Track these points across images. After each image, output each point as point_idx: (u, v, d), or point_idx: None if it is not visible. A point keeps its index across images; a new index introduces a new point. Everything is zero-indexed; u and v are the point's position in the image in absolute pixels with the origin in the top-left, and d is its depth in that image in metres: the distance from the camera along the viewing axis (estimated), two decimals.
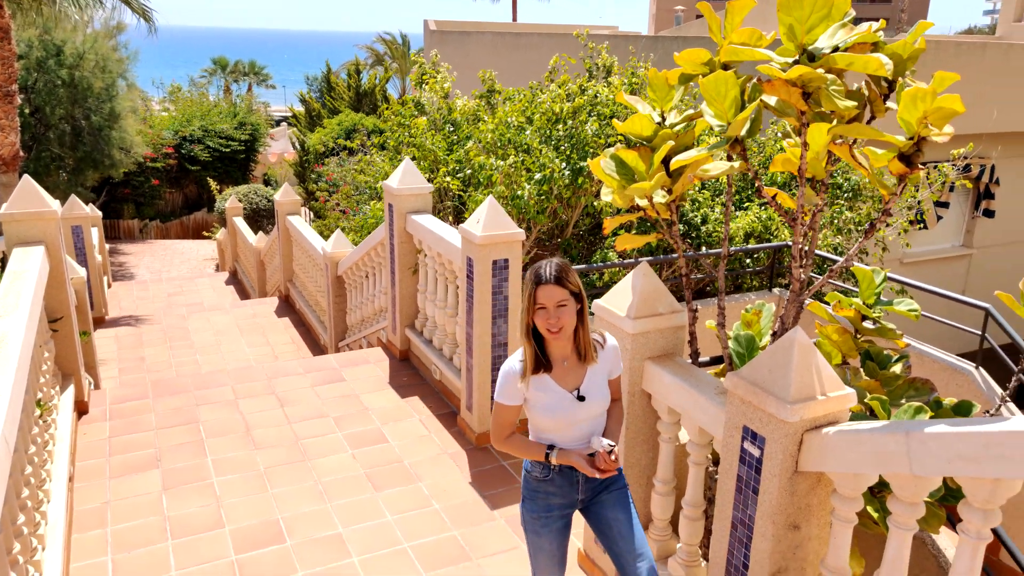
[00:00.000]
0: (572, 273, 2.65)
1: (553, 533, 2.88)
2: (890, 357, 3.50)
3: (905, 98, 2.44)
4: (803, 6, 2.46)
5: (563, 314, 2.59)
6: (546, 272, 2.60)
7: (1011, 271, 11.21)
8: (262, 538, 4.07)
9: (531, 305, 2.61)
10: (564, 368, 2.73)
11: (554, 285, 2.57)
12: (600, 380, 2.79)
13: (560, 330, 2.59)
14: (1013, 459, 2.09)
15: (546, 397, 2.71)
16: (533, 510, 2.87)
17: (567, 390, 2.72)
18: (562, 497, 2.84)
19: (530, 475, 2.86)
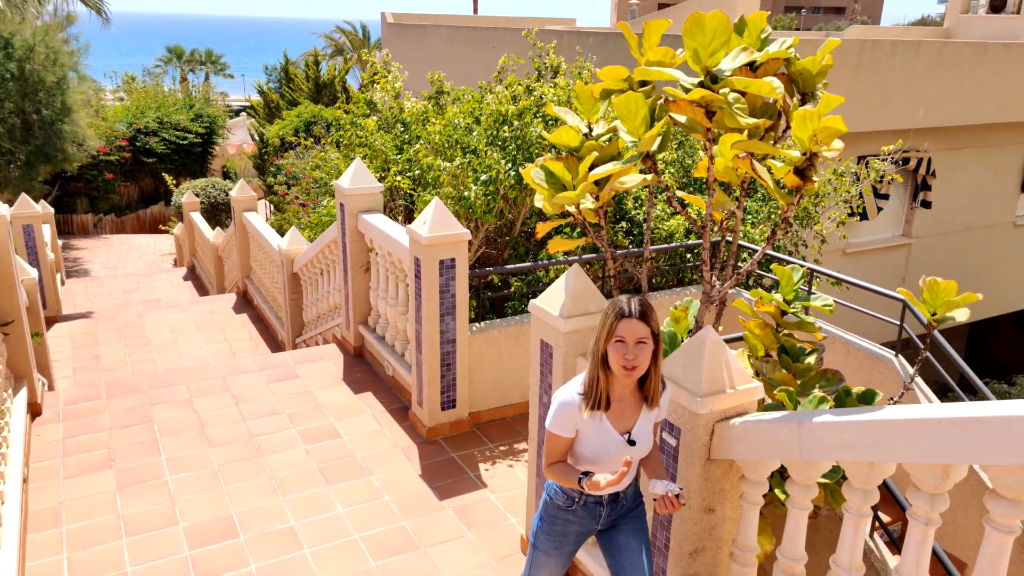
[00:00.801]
0: (655, 313, 2.56)
1: (563, 557, 2.90)
2: (804, 350, 3.76)
3: (796, 118, 2.66)
4: (704, 33, 2.67)
5: (641, 352, 2.49)
6: (630, 307, 2.51)
7: (947, 259, 11.72)
8: (215, 533, 4.21)
9: (609, 336, 2.50)
10: (619, 408, 2.65)
11: (638, 320, 2.48)
12: (649, 425, 2.72)
13: (635, 368, 2.50)
14: (882, 445, 2.34)
15: (597, 436, 2.64)
16: (549, 534, 2.86)
17: (619, 432, 2.65)
18: (580, 527, 2.84)
19: (552, 502, 2.83)
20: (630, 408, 2.66)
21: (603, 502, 2.78)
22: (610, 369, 2.55)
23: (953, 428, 2.15)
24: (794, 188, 2.84)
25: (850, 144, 9.66)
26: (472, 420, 5.39)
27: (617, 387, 2.62)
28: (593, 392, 2.59)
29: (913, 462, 2.31)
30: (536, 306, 3.76)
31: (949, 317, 3.76)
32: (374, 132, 6.53)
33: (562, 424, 2.66)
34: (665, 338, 3.68)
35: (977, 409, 2.11)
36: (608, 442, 2.64)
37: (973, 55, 9.90)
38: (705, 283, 3.24)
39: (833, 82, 8.84)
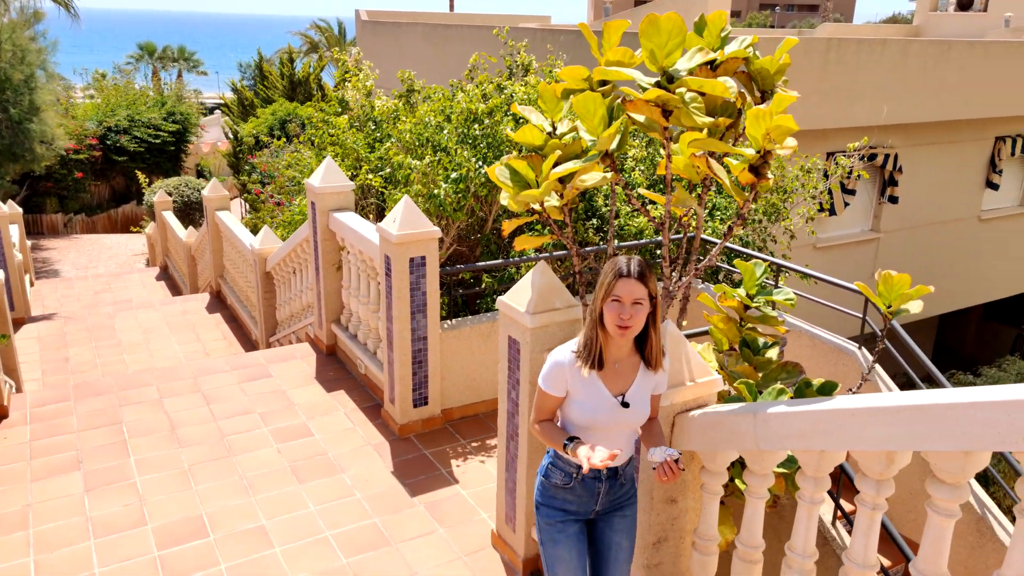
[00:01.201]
0: (653, 275, 2.56)
1: (571, 540, 2.78)
2: (765, 343, 3.84)
3: (750, 117, 2.73)
4: (660, 34, 2.72)
5: (637, 312, 2.49)
6: (628, 266, 2.51)
7: (915, 253, 11.94)
8: (185, 533, 4.21)
9: (606, 295, 2.50)
10: (614, 370, 2.63)
11: (635, 280, 2.48)
12: (645, 391, 2.68)
13: (629, 328, 2.50)
14: (832, 433, 2.42)
15: (589, 397, 2.62)
16: (549, 516, 2.78)
17: (612, 394, 2.63)
18: (579, 506, 2.77)
19: (548, 482, 2.78)
20: (626, 370, 2.65)
21: (601, 477, 2.72)
22: (606, 329, 2.54)
23: (896, 416, 2.23)
24: (749, 185, 2.91)
25: (819, 140, 9.81)
26: (444, 417, 5.43)
27: (613, 348, 2.60)
28: (588, 351, 2.58)
29: (860, 449, 2.39)
30: (503, 303, 3.81)
31: (904, 309, 3.86)
32: (345, 131, 6.53)
33: (553, 382, 2.65)
34: None
35: (917, 398, 2.19)
36: (600, 403, 2.61)
37: (937, 53, 10.09)
38: (665, 279, 3.30)
39: (801, 80, 8.97)
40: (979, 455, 2.15)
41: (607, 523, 2.83)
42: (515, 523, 4.00)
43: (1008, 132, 12.24)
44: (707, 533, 3.14)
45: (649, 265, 2.57)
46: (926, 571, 2.32)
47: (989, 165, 12.31)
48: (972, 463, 2.16)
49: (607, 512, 2.82)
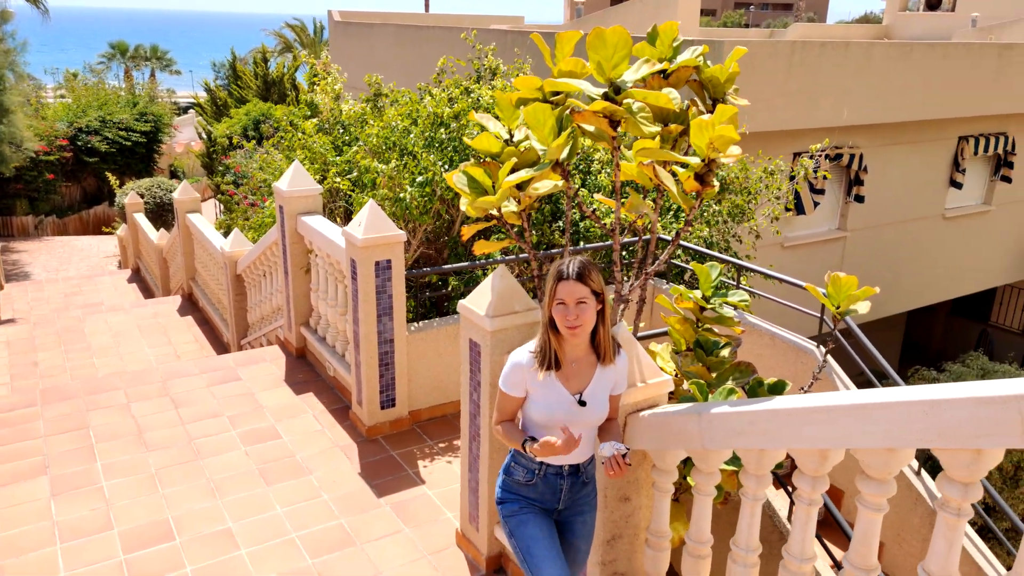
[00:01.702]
0: (595, 272, 2.63)
1: (539, 517, 2.81)
2: (718, 343, 3.95)
3: (694, 127, 2.83)
4: (607, 47, 2.81)
5: (583, 311, 2.57)
6: (568, 268, 2.59)
7: (881, 251, 12.17)
8: (151, 537, 4.24)
9: (551, 300, 2.61)
10: (571, 369, 2.71)
11: (575, 281, 2.56)
12: (603, 390, 2.75)
13: (579, 328, 2.58)
14: (771, 433, 2.52)
15: (547, 396, 2.69)
16: (512, 506, 2.83)
17: (570, 392, 2.70)
18: (541, 502, 2.83)
19: (511, 479, 2.84)
20: (583, 369, 2.71)
21: (563, 474, 2.78)
22: (558, 331, 2.63)
23: (828, 416, 2.34)
24: (695, 192, 3.01)
25: (785, 141, 9.98)
26: (412, 418, 5.49)
27: (568, 348, 2.68)
28: (543, 354, 2.66)
29: (796, 448, 2.50)
30: (464, 306, 3.88)
31: (852, 310, 3.99)
32: (313, 135, 6.56)
33: (513, 383, 2.73)
34: None
35: (846, 398, 2.29)
36: (558, 402, 2.68)
37: (899, 55, 10.30)
38: (617, 284, 3.40)
39: (767, 82, 9.13)
40: (902, 452, 2.26)
41: (567, 527, 2.89)
42: (478, 522, 4.08)
43: (971, 132, 12.51)
44: (659, 530, 3.24)
45: (591, 264, 2.64)
46: (856, 562, 2.43)
47: (953, 164, 12.57)
48: (896, 460, 2.27)
49: (568, 514, 2.87)
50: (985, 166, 13.36)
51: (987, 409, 1.96)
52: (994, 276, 14.49)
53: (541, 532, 2.78)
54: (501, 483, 2.89)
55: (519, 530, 2.80)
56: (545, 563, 2.72)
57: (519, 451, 2.77)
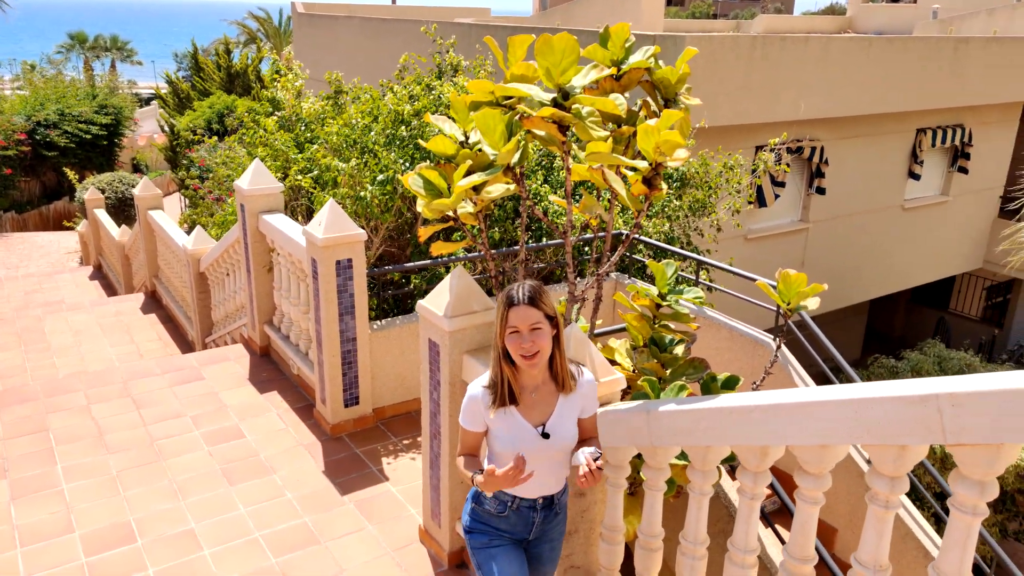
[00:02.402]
0: (547, 295, 2.52)
1: (508, 550, 2.71)
2: (672, 340, 4.05)
3: (640, 132, 2.90)
4: (554, 54, 2.87)
5: (538, 337, 2.45)
6: (519, 293, 2.47)
7: (841, 242, 12.42)
8: (113, 540, 4.24)
9: (503, 329, 2.47)
10: (532, 400, 2.59)
11: (528, 306, 2.45)
12: (568, 418, 2.64)
13: (536, 355, 2.46)
14: (713, 430, 2.61)
15: (508, 430, 2.58)
16: (481, 538, 2.74)
17: (532, 424, 2.59)
18: (512, 534, 2.75)
19: (480, 508, 2.74)
20: (544, 398, 2.59)
21: (536, 507, 2.70)
22: (513, 362, 2.50)
23: (766, 414, 2.43)
24: (644, 196, 3.08)
25: (747, 135, 10.13)
26: (376, 416, 5.53)
27: (526, 378, 2.56)
28: (497, 388, 2.54)
29: (738, 444, 2.59)
30: (423, 306, 3.92)
31: (803, 306, 4.11)
32: (274, 132, 6.53)
33: (470, 418, 2.62)
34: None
35: (783, 397, 2.39)
36: (521, 436, 2.56)
37: (858, 49, 10.50)
38: (570, 284, 3.46)
39: (729, 76, 9.26)
40: (835, 448, 2.36)
41: (535, 555, 2.81)
42: (440, 518, 4.14)
43: (928, 124, 12.79)
44: (613, 524, 3.33)
45: (541, 287, 2.53)
46: (794, 553, 2.53)
47: (911, 156, 12.85)
48: (830, 455, 2.37)
49: (538, 543, 2.81)
50: (943, 157, 13.68)
51: (910, 407, 2.06)
52: (952, 265, 14.86)
53: (510, 568, 2.69)
54: (470, 511, 2.79)
55: (487, 564, 2.71)
56: None
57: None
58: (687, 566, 2.93)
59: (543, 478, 2.66)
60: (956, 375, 6.25)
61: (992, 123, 13.80)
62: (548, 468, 2.66)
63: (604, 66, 3.13)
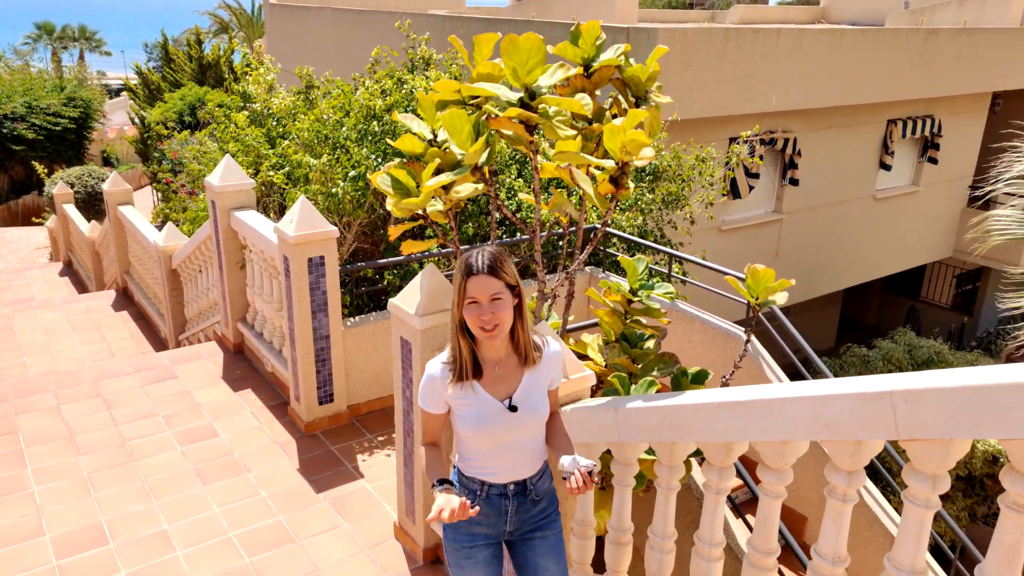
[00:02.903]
0: (508, 263, 2.35)
1: (479, 565, 2.57)
2: (643, 335, 4.09)
3: (606, 132, 2.92)
4: (520, 54, 2.87)
5: (498, 308, 2.28)
6: (478, 261, 2.30)
7: (816, 232, 12.57)
8: (84, 542, 4.21)
9: (461, 299, 2.31)
10: (495, 374, 2.43)
11: (487, 276, 2.27)
12: (537, 389, 2.49)
13: (496, 327, 2.30)
14: (680, 427, 2.65)
15: (472, 406, 2.41)
16: (455, 539, 2.57)
17: (498, 399, 2.43)
18: (488, 527, 2.56)
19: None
20: (509, 371, 2.45)
21: (508, 494, 2.54)
22: (472, 335, 2.36)
23: (730, 411, 2.47)
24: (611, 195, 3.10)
25: (721, 127, 10.20)
26: (351, 412, 5.53)
27: (487, 351, 2.40)
28: (456, 363, 2.39)
29: (703, 440, 2.63)
30: (394, 304, 3.92)
31: (771, 300, 4.17)
32: (245, 127, 6.47)
33: (429, 399, 2.46)
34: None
35: (747, 394, 2.43)
36: (487, 411, 2.41)
37: (829, 41, 10.60)
38: (540, 281, 3.48)
39: (703, 68, 9.30)
40: (796, 444, 2.41)
41: (528, 546, 2.63)
42: (415, 515, 4.16)
43: (899, 115, 12.95)
44: (584, 519, 3.36)
45: (503, 254, 2.35)
46: (758, 546, 2.58)
47: (882, 147, 13.01)
48: (790, 451, 2.42)
49: (526, 533, 2.63)
50: (913, 148, 13.87)
51: (866, 404, 2.11)
52: (923, 254, 15.10)
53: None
54: None
55: (456, 571, 2.61)
56: None
57: (460, 470, 2.59)
58: (655, 560, 2.98)
59: (513, 459, 2.49)
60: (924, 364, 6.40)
61: (961, 113, 14.01)
62: (518, 448, 2.49)
63: (572, 65, 3.15)
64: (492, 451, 2.47)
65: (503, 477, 2.53)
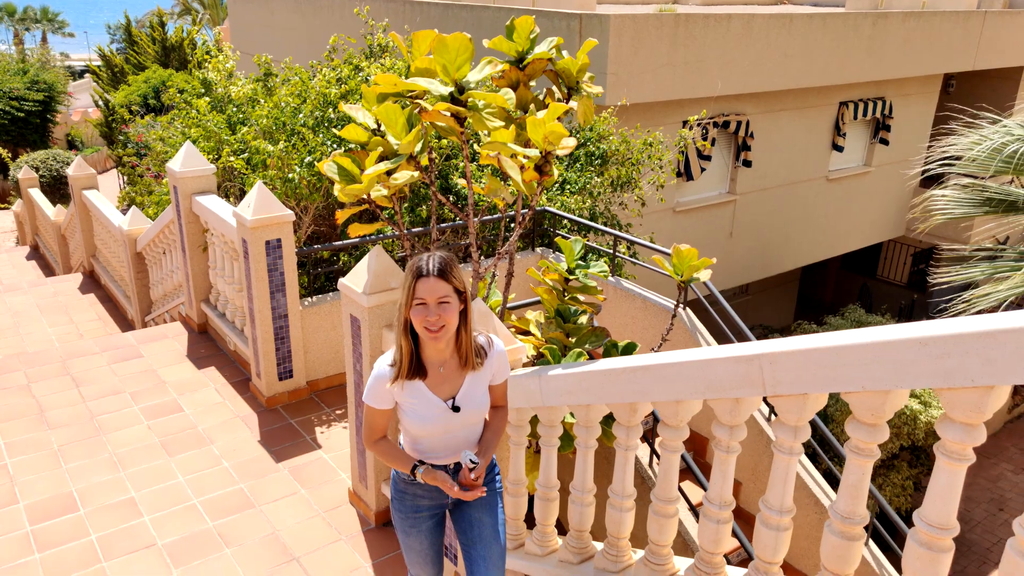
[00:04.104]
0: (457, 268, 2.44)
1: (423, 533, 2.80)
2: (576, 311, 4.41)
3: (529, 124, 3.21)
4: (449, 52, 3.15)
5: (445, 311, 2.38)
6: (428, 265, 2.39)
7: (767, 213, 12.98)
8: (55, 509, 4.47)
9: (409, 299, 2.39)
10: (440, 375, 2.55)
11: (437, 279, 2.37)
12: (480, 388, 2.63)
13: (441, 329, 2.39)
14: (591, 391, 2.98)
15: (418, 405, 2.54)
16: (402, 510, 2.77)
17: (441, 399, 2.56)
18: (431, 499, 2.75)
19: (399, 478, 2.76)
20: (453, 372, 2.56)
21: (449, 471, 2.69)
22: (416, 336, 2.46)
23: (631, 375, 2.80)
24: (537, 181, 3.40)
25: (673, 110, 10.51)
26: (310, 388, 5.81)
27: (431, 352, 2.51)
28: (401, 363, 2.48)
29: (611, 402, 2.96)
30: (344, 284, 4.20)
31: (695, 278, 4.51)
32: (206, 113, 6.66)
33: (376, 396, 2.56)
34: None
35: (644, 360, 2.76)
36: (431, 411, 2.54)
37: (779, 26, 10.92)
38: (474, 262, 3.78)
39: (654, 53, 9.59)
40: (688, 403, 2.74)
41: (467, 504, 2.82)
42: (367, 481, 4.47)
43: (851, 98, 13.35)
44: (517, 478, 3.69)
45: (452, 259, 2.46)
46: (660, 495, 2.93)
47: (834, 129, 13.43)
48: (684, 409, 2.75)
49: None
50: (865, 130, 14.30)
51: (739, 366, 2.45)
52: (876, 233, 15.60)
53: (421, 545, 2.83)
54: (393, 479, 2.82)
55: (403, 538, 2.84)
56: (418, 570, 2.91)
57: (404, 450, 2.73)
58: (576, 512, 3.32)
59: (456, 444, 2.67)
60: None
61: (912, 95, 14.46)
62: (462, 436, 2.67)
63: (500, 60, 3.42)
64: (435, 439, 2.63)
65: (446, 459, 2.70)
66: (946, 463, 2.10)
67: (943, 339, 1.96)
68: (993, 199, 8.73)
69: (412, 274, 2.41)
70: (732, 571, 3.00)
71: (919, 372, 2.03)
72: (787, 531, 2.58)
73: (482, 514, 2.81)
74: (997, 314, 1.97)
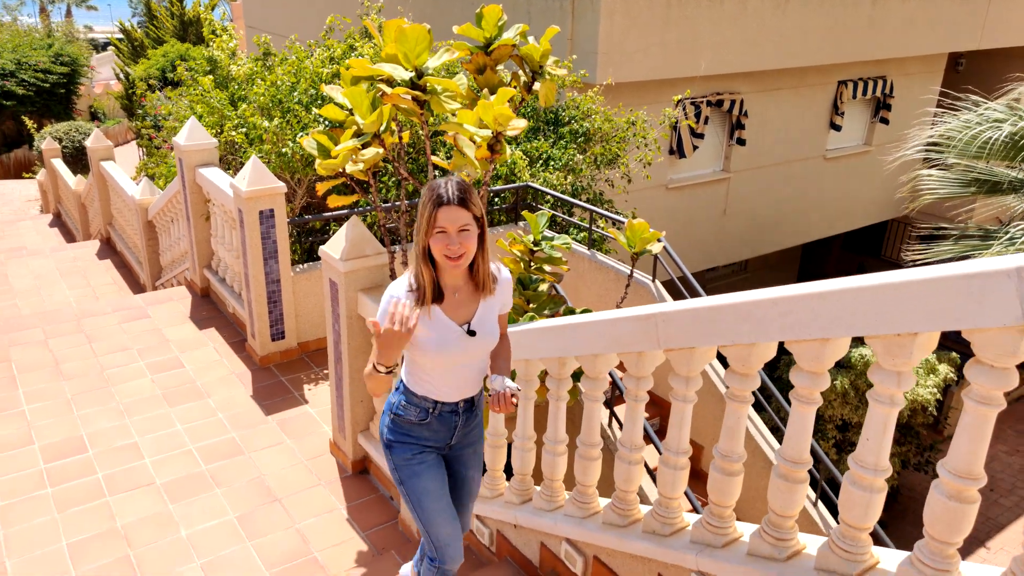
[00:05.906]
0: (475, 194, 2.39)
1: (432, 468, 2.71)
2: (536, 280, 4.79)
3: (480, 107, 3.57)
4: (409, 41, 3.51)
5: (465, 239, 2.34)
6: (448, 191, 2.31)
7: (760, 191, 13.18)
8: (67, 450, 4.97)
9: (429, 227, 2.34)
10: (455, 300, 2.52)
11: (458, 207, 2.31)
12: (491, 315, 2.60)
13: (461, 256, 2.36)
14: (528, 346, 3.36)
15: (433, 331, 2.49)
16: (403, 451, 2.69)
17: (457, 323, 2.52)
18: (435, 441, 2.72)
19: (401, 418, 2.68)
20: (467, 297, 2.55)
21: (458, 411, 2.69)
22: (436, 263, 2.43)
23: (557, 333, 3.19)
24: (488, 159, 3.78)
25: (667, 89, 10.74)
26: (301, 348, 6.26)
27: (448, 277, 2.48)
28: (420, 288, 2.45)
29: (542, 357, 3.36)
30: (324, 251, 4.61)
31: (647, 250, 4.88)
32: (210, 90, 7.07)
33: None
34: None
35: (569, 321, 3.14)
36: (446, 335, 2.51)
37: (774, 4, 11.07)
38: None
39: (646, 33, 9.82)
40: (604, 357, 3.12)
41: (459, 460, 2.84)
42: (345, 431, 4.92)
43: (851, 76, 13.46)
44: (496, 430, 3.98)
45: (470, 186, 2.40)
46: (584, 439, 3.33)
47: (832, 108, 13.56)
48: (601, 362, 3.12)
49: (459, 447, 2.82)
50: (865, 109, 14.40)
51: (640, 324, 2.83)
52: (876, 212, 15.74)
53: (434, 484, 2.71)
54: (389, 424, 2.72)
55: (411, 482, 2.70)
56: (439, 518, 2.73)
57: (409, 391, 2.66)
58: (548, 463, 3.65)
59: (465, 380, 2.65)
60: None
61: (915, 74, 14.49)
62: (471, 369, 2.65)
63: (455, 49, 3.79)
64: (446, 372, 2.59)
65: (454, 396, 2.67)
66: (799, 407, 2.48)
67: (787, 299, 2.33)
68: (979, 179, 8.94)
69: (432, 202, 2.33)
70: (688, 517, 3.25)
71: (770, 328, 2.41)
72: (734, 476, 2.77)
73: (473, 472, 2.93)
74: (835, 279, 2.33)
